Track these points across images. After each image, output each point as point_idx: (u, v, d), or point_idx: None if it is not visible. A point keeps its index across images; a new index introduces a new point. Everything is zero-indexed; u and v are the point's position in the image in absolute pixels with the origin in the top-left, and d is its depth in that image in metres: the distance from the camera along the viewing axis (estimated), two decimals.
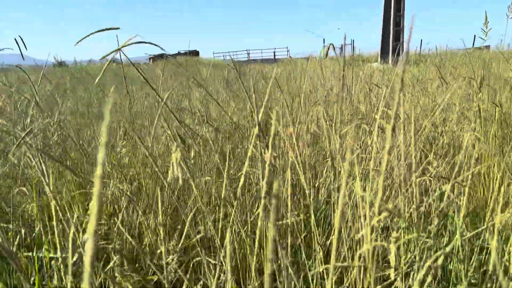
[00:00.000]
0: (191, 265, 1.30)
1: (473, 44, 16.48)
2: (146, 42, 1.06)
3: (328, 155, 1.80)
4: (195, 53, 27.93)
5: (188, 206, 1.56)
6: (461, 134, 2.18)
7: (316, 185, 1.81)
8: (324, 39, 33.39)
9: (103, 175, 0.29)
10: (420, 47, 24.71)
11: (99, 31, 1.04)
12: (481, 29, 4.71)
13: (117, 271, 0.80)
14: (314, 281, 1.10)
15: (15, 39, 1.79)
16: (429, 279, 0.66)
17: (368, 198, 0.74)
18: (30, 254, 1.23)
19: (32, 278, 1.12)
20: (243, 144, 2.17)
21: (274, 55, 33.38)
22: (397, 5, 14.22)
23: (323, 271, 1.17)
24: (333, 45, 2.49)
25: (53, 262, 1.11)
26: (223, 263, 0.93)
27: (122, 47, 1.02)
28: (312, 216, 1.17)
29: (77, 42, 1.05)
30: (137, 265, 1.46)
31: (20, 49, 1.79)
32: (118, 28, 1.09)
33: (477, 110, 2.17)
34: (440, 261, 0.67)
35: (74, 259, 0.83)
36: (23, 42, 1.80)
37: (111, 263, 1.01)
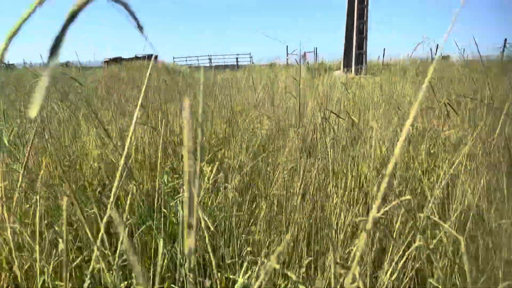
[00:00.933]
0: None
1: (436, 53, 16.41)
2: None
3: None
4: (153, 57, 26.87)
5: None
6: None
7: None
8: (287, 46, 33.25)
9: None
10: (383, 56, 24.94)
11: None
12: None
13: None
14: None
15: None
16: None
17: None
18: None
19: None
20: None
21: (237, 61, 32.87)
22: (360, 12, 14.01)
23: None
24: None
25: None
26: None
27: None
28: None
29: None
30: None
31: None
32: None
33: None
34: None
35: None
36: None
37: None
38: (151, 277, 1.28)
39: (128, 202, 0.97)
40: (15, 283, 1.28)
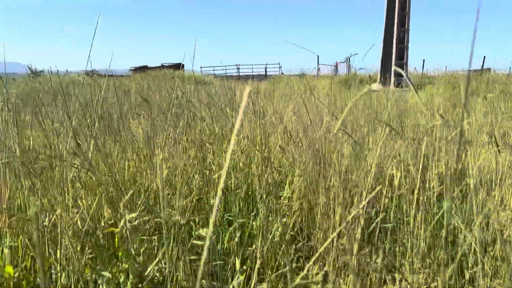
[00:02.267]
0: None
1: (482, 65, 14.86)
2: None
3: None
4: (179, 66, 26.48)
5: None
6: None
7: None
8: (318, 56, 32.22)
9: None
10: (423, 68, 23.43)
11: None
12: None
13: None
14: None
15: None
16: None
17: None
18: None
19: None
20: None
21: (266, 71, 32.04)
22: (401, 19, 12.82)
23: None
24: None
25: None
26: None
27: None
28: None
29: None
30: None
31: None
32: None
33: None
34: None
35: None
36: None
37: None
38: None
39: None
40: None
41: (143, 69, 26.14)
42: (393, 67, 13.17)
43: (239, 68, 33.24)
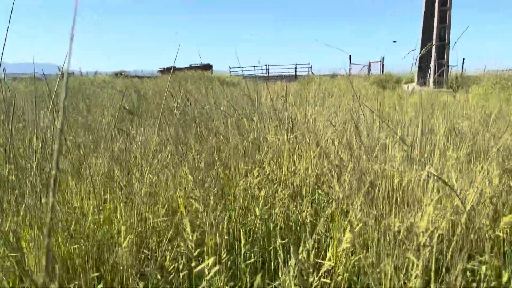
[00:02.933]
0: None
1: None
2: None
3: None
4: (208, 67, 26.26)
5: None
6: None
7: None
8: (350, 56, 31.38)
9: None
10: (462, 67, 22.25)
11: None
12: None
13: None
14: None
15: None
16: None
17: None
18: None
19: None
20: None
21: (295, 72, 31.36)
22: (442, 15, 11.96)
23: None
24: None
25: None
26: None
27: None
28: None
29: None
30: None
31: None
32: None
33: None
34: None
35: None
36: None
37: None
38: None
39: None
40: None
41: (171, 70, 26.10)
42: (432, 66, 12.32)
43: (268, 69, 32.70)
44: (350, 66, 29.09)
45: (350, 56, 30.25)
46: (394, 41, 23.92)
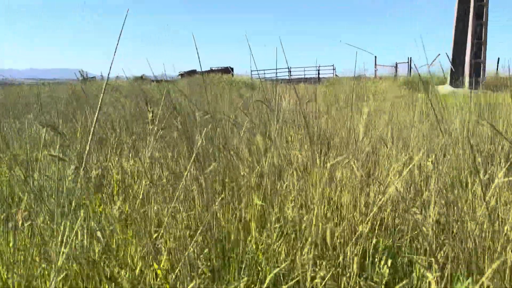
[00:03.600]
0: None
1: None
2: None
3: None
4: (228, 70, 25.81)
5: None
6: None
7: None
8: (375, 57, 30.43)
9: None
10: (497, 67, 21.12)
11: None
12: None
13: None
14: None
15: None
16: None
17: None
18: None
19: None
20: None
21: (318, 74, 30.56)
22: (478, 12, 11.09)
23: None
24: None
25: None
26: None
27: None
28: None
29: None
30: None
31: None
32: None
33: None
34: None
35: None
36: None
37: None
38: None
39: None
40: None
41: (191, 73, 25.87)
42: (467, 66, 11.46)
43: (290, 71, 31.99)
44: (375, 67, 28.11)
45: (375, 57, 29.31)
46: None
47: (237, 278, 1.23)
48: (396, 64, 27.16)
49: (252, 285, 1.25)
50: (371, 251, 1.29)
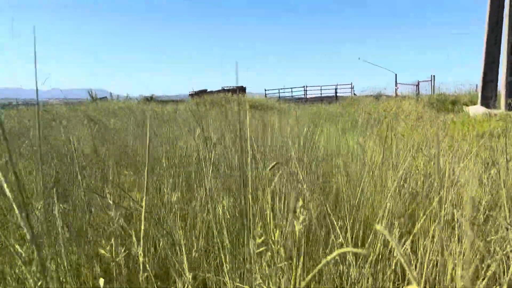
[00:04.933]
0: None
1: None
2: None
3: None
4: (241, 89, 24.98)
5: None
6: None
7: None
8: (396, 75, 29.22)
9: None
10: None
11: None
12: None
13: None
14: None
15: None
16: None
17: None
18: None
19: None
20: None
21: (336, 93, 29.43)
22: None
23: None
24: None
25: None
26: None
27: None
28: None
29: None
30: None
31: None
32: None
33: None
34: None
35: None
36: None
37: None
38: None
39: None
40: None
41: (201, 93, 25.15)
42: (503, 85, 10.23)
43: (306, 90, 30.96)
44: (396, 86, 26.94)
45: (396, 75, 28.16)
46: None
47: None
48: (418, 83, 25.88)
49: None
50: None
